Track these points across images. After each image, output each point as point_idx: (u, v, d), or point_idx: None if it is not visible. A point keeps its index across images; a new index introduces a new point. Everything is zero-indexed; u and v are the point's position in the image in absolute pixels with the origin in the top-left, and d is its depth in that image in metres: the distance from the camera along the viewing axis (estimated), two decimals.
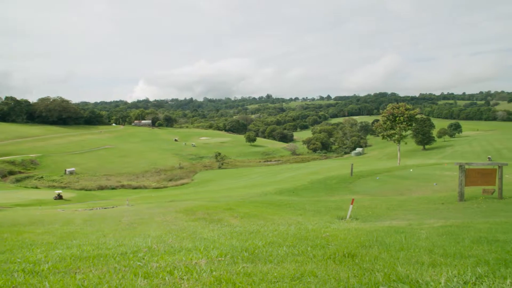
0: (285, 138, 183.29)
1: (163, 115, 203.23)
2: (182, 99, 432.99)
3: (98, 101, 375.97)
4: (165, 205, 22.70)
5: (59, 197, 51.08)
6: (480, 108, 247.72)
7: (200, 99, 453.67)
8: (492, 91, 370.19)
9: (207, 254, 5.62)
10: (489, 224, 8.87)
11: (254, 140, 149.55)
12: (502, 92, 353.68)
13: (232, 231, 9.15)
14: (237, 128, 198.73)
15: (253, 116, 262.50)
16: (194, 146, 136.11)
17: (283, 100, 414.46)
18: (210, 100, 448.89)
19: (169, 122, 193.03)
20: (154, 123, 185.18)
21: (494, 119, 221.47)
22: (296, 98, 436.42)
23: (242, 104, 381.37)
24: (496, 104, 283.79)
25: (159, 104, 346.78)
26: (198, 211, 16.40)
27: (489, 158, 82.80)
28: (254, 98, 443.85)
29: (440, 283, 3.60)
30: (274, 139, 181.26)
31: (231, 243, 6.76)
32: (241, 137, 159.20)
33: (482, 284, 3.57)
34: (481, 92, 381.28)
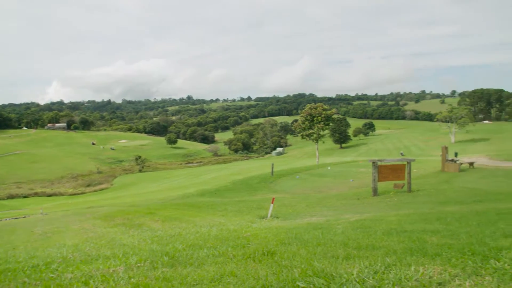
0: (207, 140, 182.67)
1: (79, 117, 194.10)
2: (100, 101, 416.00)
3: (6, 103, 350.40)
4: (82, 212, 21.71)
5: None
6: (391, 108, 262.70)
7: (119, 101, 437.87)
8: (401, 92, 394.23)
9: (126, 260, 5.45)
10: (399, 216, 9.39)
11: (175, 142, 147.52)
12: (410, 93, 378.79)
13: (153, 236, 8.96)
14: (158, 130, 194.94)
15: (173, 117, 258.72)
16: (113, 149, 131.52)
17: (204, 102, 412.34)
18: (129, 102, 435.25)
19: (85, 125, 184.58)
20: (70, 126, 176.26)
21: (403, 118, 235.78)
22: (217, 99, 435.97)
23: (162, 106, 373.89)
24: (405, 104, 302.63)
25: (75, 106, 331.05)
26: (117, 216, 15.87)
27: (401, 153, 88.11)
28: (174, 100, 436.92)
29: (352, 274, 3.78)
30: (196, 140, 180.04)
31: (151, 248, 6.62)
32: (162, 139, 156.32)
33: (390, 272, 3.80)
34: (391, 93, 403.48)
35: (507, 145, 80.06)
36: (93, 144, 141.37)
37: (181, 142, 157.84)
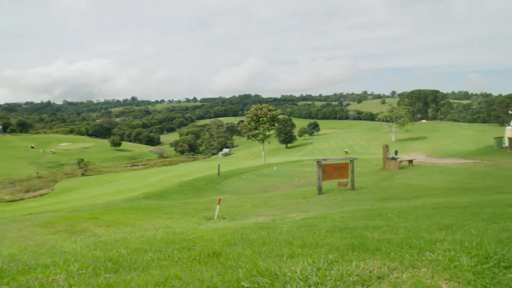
0: (152, 141, 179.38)
1: (16, 119, 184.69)
2: (39, 102, 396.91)
3: None
4: (21, 219, 20.69)
5: None
6: (335, 108, 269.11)
7: (59, 102, 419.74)
8: (344, 93, 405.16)
9: (67, 268, 5.26)
10: (342, 214, 9.64)
11: (119, 144, 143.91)
12: (353, 93, 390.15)
13: (96, 241, 8.69)
14: (101, 132, 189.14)
15: (117, 119, 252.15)
16: (54, 153, 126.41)
17: (148, 103, 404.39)
18: (71, 103, 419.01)
19: (23, 127, 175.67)
20: (6, 129, 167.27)
21: (347, 118, 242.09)
22: (162, 101, 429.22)
23: (105, 107, 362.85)
24: (348, 104, 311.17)
25: (11, 108, 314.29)
26: (59, 223, 15.27)
27: (345, 151, 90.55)
28: (118, 101, 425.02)
29: (296, 272, 3.84)
30: (141, 142, 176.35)
31: (94, 254, 6.42)
32: (106, 142, 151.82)
33: (332, 269, 3.90)
34: (335, 94, 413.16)
35: (442, 143, 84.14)
36: (32, 147, 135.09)
37: (125, 144, 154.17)
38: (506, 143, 41.59)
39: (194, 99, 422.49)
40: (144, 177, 67.30)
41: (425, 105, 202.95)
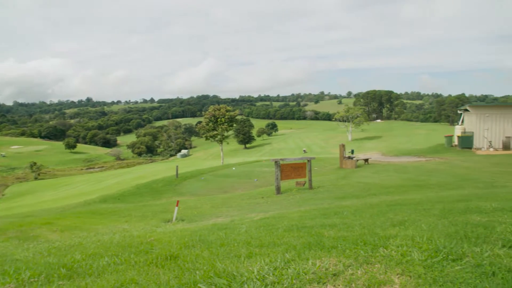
0: (108, 143, 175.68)
1: None
2: None
3: None
4: None
5: None
6: (293, 108, 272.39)
7: (9, 103, 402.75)
8: (302, 93, 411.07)
9: (18, 277, 5.07)
10: (300, 213, 9.75)
11: (74, 146, 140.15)
12: (310, 94, 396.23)
13: (50, 247, 8.42)
14: (55, 134, 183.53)
15: (72, 121, 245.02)
16: (4, 156, 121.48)
17: (104, 104, 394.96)
18: (22, 104, 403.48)
19: None
20: None
21: (304, 118, 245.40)
22: (119, 101, 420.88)
23: (59, 109, 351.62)
24: (306, 105, 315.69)
25: None
26: (9, 229, 14.67)
27: (304, 150, 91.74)
28: (73, 102, 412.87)
29: (253, 272, 3.86)
30: (97, 144, 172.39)
31: (47, 261, 6.21)
32: (60, 144, 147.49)
33: (289, 267, 3.94)
34: (292, 94, 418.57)
35: (396, 142, 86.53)
36: None
37: (81, 147, 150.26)
38: (456, 141, 43.28)
39: (152, 100, 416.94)
40: (101, 180, 65.80)
41: (380, 105, 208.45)
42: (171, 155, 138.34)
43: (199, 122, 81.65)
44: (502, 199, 8.70)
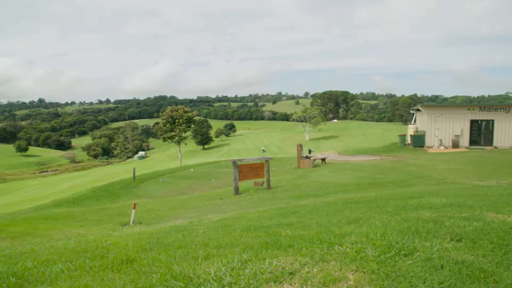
0: (63, 146, 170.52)
1: None
2: None
3: None
4: None
5: None
6: (251, 109, 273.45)
7: None
8: (260, 94, 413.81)
9: None
10: (258, 213, 9.79)
11: (26, 149, 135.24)
12: (268, 94, 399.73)
13: None
14: (5, 137, 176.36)
15: (23, 122, 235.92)
16: None
17: (58, 105, 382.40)
18: None
19: None
20: None
21: (262, 118, 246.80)
22: (73, 102, 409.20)
23: (9, 110, 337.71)
24: (263, 105, 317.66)
25: None
26: None
27: (263, 149, 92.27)
28: (24, 103, 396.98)
29: (210, 273, 3.85)
30: (50, 147, 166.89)
31: None
32: (10, 147, 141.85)
33: (246, 268, 3.96)
34: (250, 95, 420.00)
35: (352, 141, 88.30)
36: None
37: (33, 150, 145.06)
38: (409, 140, 44.64)
39: (107, 101, 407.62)
40: (55, 183, 63.77)
41: (336, 105, 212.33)
42: (128, 157, 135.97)
43: (157, 123, 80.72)
44: (451, 195, 9.04)
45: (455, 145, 40.53)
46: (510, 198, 7.77)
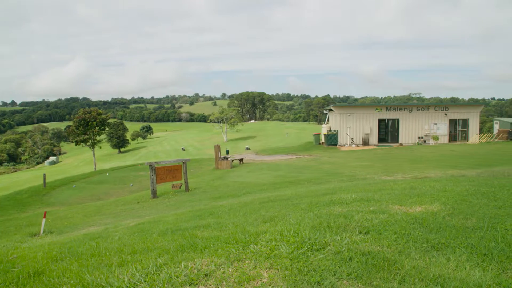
0: None
1: None
2: None
3: None
4: None
5: None
6: (168, 110, 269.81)
7: None
8: (177, 95, 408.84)
9: None
10: (176, 216, 9.69)
11: None
12: (185, 96, 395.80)
13: None
14: None
15: None
16: None
17: None
18: None
19: None
20: None
21: (180, 120, 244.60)
22: None
23: None
24: (180, 106, 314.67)
25: None
26: None
27: (182, 148, 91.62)
28: None
29: (124, 281, 3.75)
30: None
31: None
32: None
33: (161, 272, 3.90)
34: (167, 96, 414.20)
35: (269, 141, 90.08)
36: None
37: None
38: (323, 139, 46.41)
39: (13, 103, 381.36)
40: None
41: (253, 106, 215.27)
42: (38, 163, 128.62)
43: (68, 126, 77.23)
44: (361, 191, 9.52)
45: (365, 143, 42.80)
46: (413, 191, 8.34)
